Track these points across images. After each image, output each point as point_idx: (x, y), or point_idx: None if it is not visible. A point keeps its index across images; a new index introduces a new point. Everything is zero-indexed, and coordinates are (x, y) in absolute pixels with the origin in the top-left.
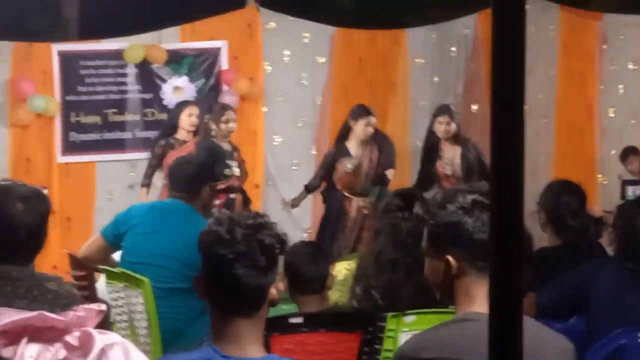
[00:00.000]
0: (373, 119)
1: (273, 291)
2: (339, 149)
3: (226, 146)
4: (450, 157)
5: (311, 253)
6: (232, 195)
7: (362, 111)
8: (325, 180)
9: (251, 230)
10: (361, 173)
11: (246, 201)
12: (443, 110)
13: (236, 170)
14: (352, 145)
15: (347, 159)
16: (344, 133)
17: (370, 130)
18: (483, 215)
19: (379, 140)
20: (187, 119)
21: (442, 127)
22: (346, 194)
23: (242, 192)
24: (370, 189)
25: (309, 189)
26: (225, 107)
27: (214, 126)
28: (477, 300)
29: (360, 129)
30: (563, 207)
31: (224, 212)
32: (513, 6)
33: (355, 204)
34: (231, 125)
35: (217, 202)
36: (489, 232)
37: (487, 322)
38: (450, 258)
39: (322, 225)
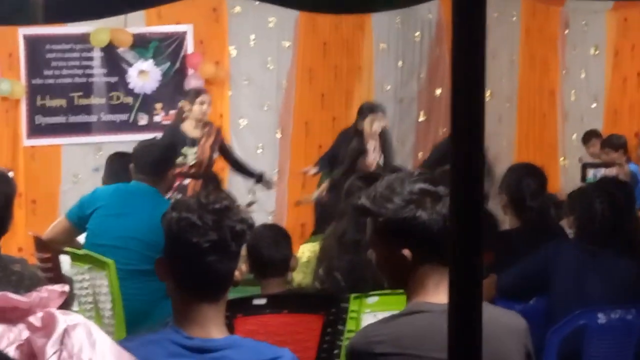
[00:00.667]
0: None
1: (237, 273)
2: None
3: (196, 132)
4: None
5: (273, 236)
6: (185, 182)
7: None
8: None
9: (219, 215)
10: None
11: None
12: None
13: (189, 159)
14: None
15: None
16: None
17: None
18: (436, 205)
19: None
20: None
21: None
22: None
23: (209, 177)
24: None
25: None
26: (200, 90)
27: (187, 107)
28: (430, 290)
29: (368, 124)
30: (524, 188)
31: (188, 197)
32: None
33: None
34: (205, 107)
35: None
36: (449, 219)
37: (439, 313)
38: (405, 252)
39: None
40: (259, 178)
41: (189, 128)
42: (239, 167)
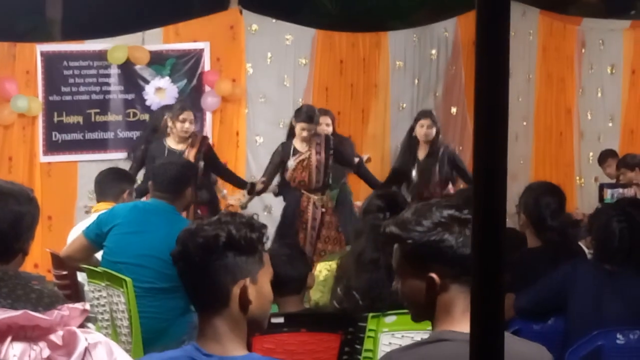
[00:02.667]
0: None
1: None
2: (285, 147)
3: (180, 147)
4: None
5: (289, 254)
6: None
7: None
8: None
9: (245, 229)
10: (311, 169)
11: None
12: (425, 114)
13: None
14: (297, 142)
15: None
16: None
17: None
18: (464, 230)
19: (336, 139)
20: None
21: (422, 130)
22: (302, 191)
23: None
24: (331, 185)
25: (251, 190)
26: (184, 107)
27: (170, 124)
28: (456, 318)
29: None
30: (543, 207)
31: (202, 219)
32: (497, 10)
33: (312, 202)
34: (187, 125)
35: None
36: (472, 237)
37: (463, 342)
38: (434, 275)
39: (280, 224)
40: (250, 189)
41: (172, 142)
42: (228, 176)
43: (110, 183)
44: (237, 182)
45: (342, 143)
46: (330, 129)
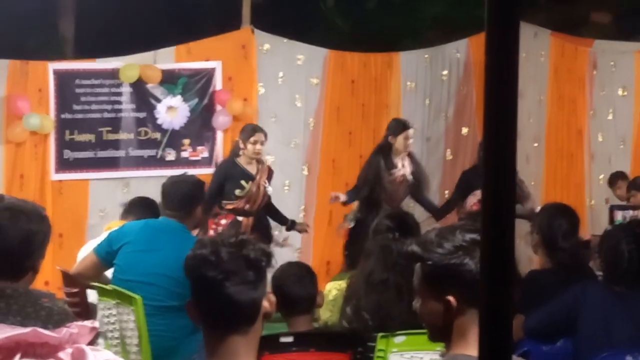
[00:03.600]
0: (412, 132)
1: (266, 304)
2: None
3: (252, 168)
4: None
5: (298, 273)
6: (239, 218)
7: (400, 125)
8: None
9: (235, 247)
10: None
11: (262, 228)
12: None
13: (246, 192)
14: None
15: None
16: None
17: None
18: None
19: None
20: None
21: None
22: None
23: (260, 217)
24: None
25: (290, 228)
26: (256, 129)
27: (242, 145)
28: (470, 342)
29: (401, 142)
30: (555, 228)
31: (205, 235)
32: (507, 32)
33: None
34: (258, 147)
35: (223, 221)
36: (480, 260)
37: None
38: (451, 299)
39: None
40: (290, 225)
41: (244, 162)
42: (274, 213)
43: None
44: (281, 220)
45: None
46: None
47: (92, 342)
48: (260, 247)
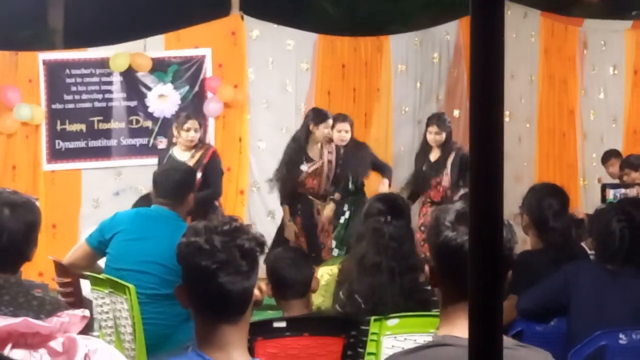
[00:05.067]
0: (330, 122)
1: (256, 292)
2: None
3: (184, 156)
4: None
5: (293, 258)
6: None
7: (321, 115)
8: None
9: (229, 236)
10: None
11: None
12: (432, 120)
13: None
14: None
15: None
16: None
17: (330, 133)
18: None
19: (351, 145)
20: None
21: (431, 136)
22: (310, 197)
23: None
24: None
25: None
26: (188, 116)
27: (176, 133)
28: (458, 324)
29: (322, 132)
30: (546, 209)
31: (199, 221)
32: (491, 11)
33: (322, 209)
34: (192, 134)
35: None
36: (469, 240)
37: (463, 347)
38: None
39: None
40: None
41: (178, 152)
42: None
43: None
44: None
45: (358, 149)
46: (348, 136)
47: (85, 332)
48: (254, 236)
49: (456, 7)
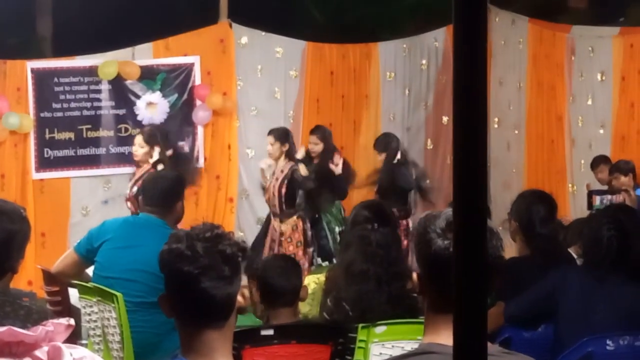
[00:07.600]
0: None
1: (240, 299)
2: None
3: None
4: None
5: (283, 266)
6: None
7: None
8: None
9: (210, 242)
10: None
11: None
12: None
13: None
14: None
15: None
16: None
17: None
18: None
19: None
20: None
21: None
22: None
23: None
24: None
25: None
26: (142, 132)
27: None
28: (443, 332)
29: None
30: (533, 215)
31: (181, 229)
32: (474, 19)
33: (278, 226)
34: (134, 148)
35: None
36: (453, 247)
37: (449, 355)
38: (415, 276)
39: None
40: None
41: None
42: None
43: None
44: None
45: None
46: (318, 147)
47: (73, 340)
48: (236, 242)
49: (444, 13)
